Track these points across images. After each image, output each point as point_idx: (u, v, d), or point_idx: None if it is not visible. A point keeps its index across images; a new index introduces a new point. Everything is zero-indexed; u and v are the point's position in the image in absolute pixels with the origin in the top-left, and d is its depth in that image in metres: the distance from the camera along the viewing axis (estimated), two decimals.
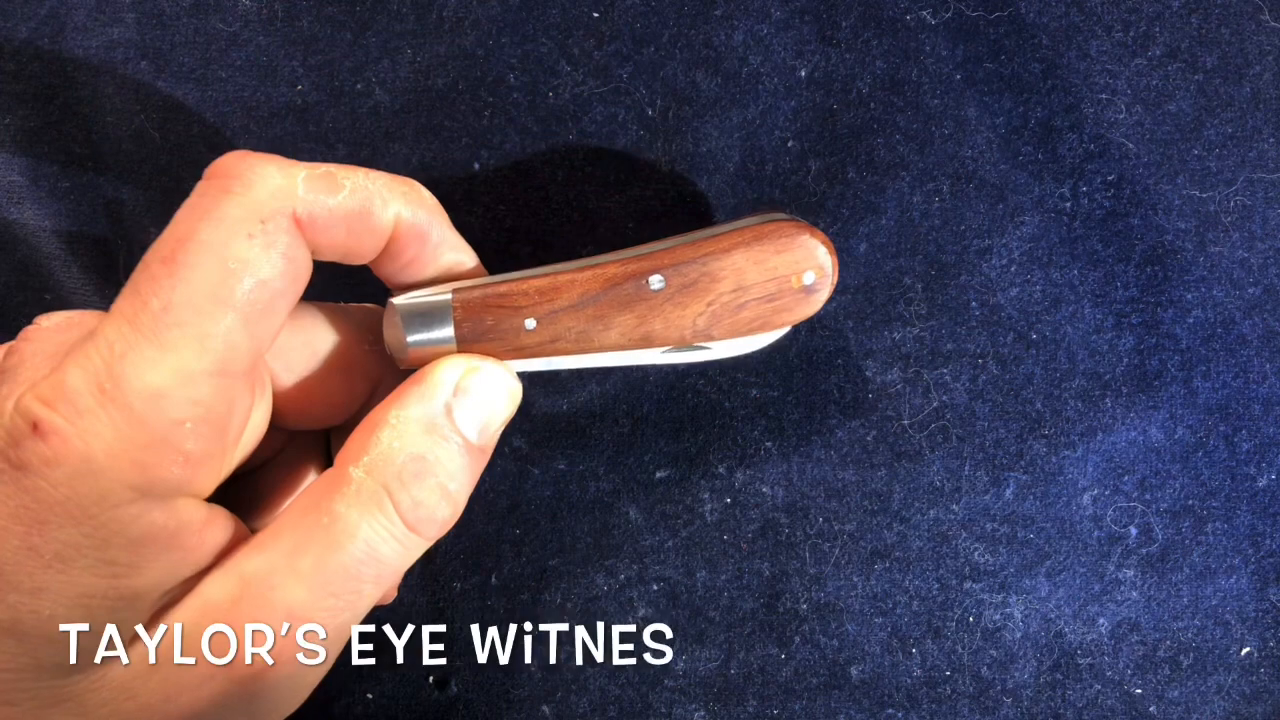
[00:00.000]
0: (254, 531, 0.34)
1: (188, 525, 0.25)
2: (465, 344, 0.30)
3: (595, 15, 0.38)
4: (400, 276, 0.30)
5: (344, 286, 0.36)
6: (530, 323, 0.31)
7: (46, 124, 0.37)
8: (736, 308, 0.32)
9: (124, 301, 0.24)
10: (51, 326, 0.26)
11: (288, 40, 0.37)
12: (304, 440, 0.33)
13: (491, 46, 0.38)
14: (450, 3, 0.38)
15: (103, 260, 0.37)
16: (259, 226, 0.25)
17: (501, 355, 0.31)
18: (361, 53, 0.38)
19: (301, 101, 0.38)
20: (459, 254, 0.31)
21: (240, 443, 0.27)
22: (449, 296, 0.30)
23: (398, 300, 0.30)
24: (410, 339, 0.30)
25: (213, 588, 0.25)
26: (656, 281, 0.31)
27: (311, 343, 0.31)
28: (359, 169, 0.28)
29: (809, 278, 0.31)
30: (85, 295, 0.38)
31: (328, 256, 0.28)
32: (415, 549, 0.27)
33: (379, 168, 0.37)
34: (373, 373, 0.32)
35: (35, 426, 0.23)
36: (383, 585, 0.27)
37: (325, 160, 0.37)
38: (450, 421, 0.28)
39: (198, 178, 0.25)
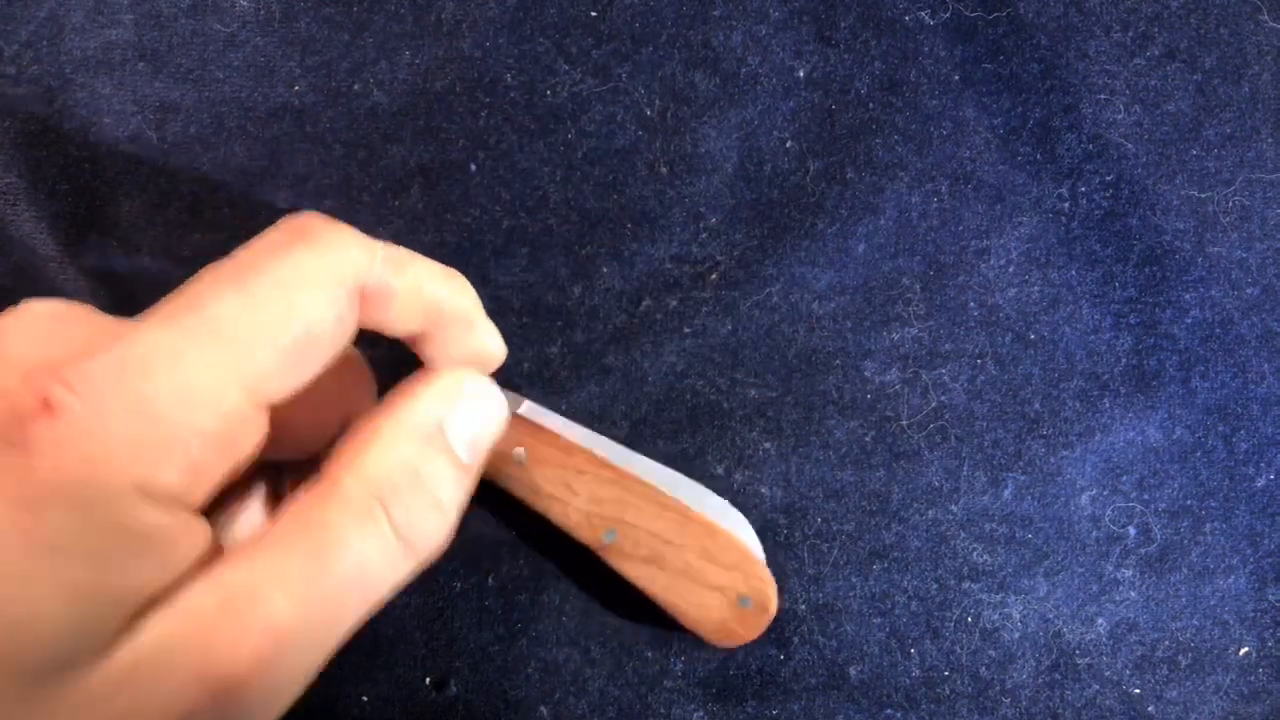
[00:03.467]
0: None
1: (178, 531, 0.24)
2: None
3: (593, 14, 0.38)
4: (435, 362, 0.31)
5: None
6: (519, 452, 0.34)
7: (44, 126, 0.37)
8: (682, 591, 0.35)
9: (174, 307, 0.24)
10: (45, 313, 0.26)
11: (285, 41, 0.37)
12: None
13: (489, 48, 0.38)
14: (448, 4, 0.38)
15: (100, 262, 0.37)
16: (332, 286, 0.26)
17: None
18: (359, 54, 0.38)
19: (299, 102, 0.38)
20: (491, 343, 0.31)
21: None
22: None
23: None
24: None
25: (194, 597, 0.24)
26: (608, 535, 0.34)
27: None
28: (420, 258, 0.29)
29: (745, 602, 0.34)
30: (80, 298, 0.38)
31: (365, 326, 0.28)
32: (405, 567, 0.27)
33: (377, 169, 0.38)
34: (343, 409, 0.32)
35: (46, 404, 0.22)
36: (367, 604, 0.26)
37: (324, 161, 0.37)
38: (444, 435, 0.28)
39: (195, 178, 0.25)
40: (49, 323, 0.25)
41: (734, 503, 0.37)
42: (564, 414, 0.37)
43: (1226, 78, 0.38)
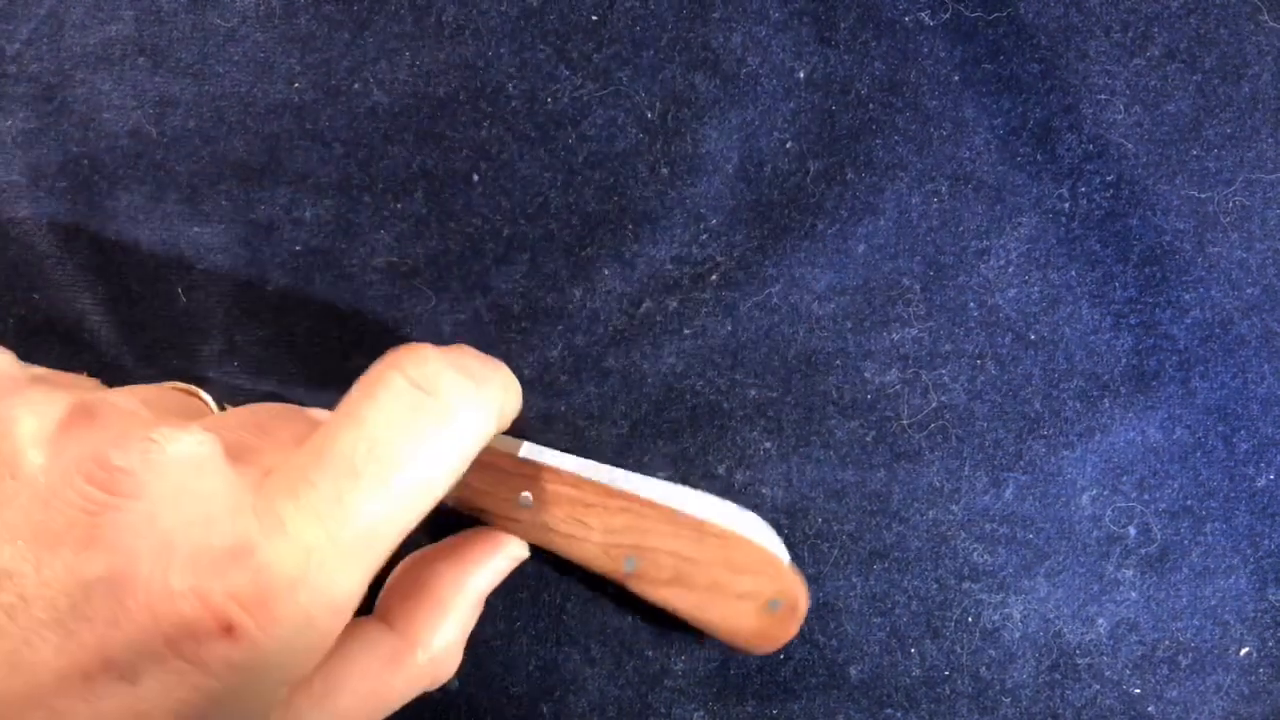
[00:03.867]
0: None
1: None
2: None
3: (594, 19, 0.38)
4: None
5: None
6: (526, 496, 0.34)
7: (44, 123, 0.37)
8: (711, 606, 0.34)
9: (322, 500, 0.23)
10: (197, 460, 0.24)
11: (285, 37, 0.37)
12: None
13: (490, 57, 0.38)
14: (449, 8, 0.38)
15: (98, 258, 0.37)
16: (462, 464, 0.27)
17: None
18: (359, 52, 0.38)
19: (299, 99, 0.37)
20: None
21: None
22: None
23: None
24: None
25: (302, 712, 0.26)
26: (629, 564, 0.34)
27: None
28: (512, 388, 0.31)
29: (775, 605, 0.34)
30: (77, 293, 0.37)
31: None
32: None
33: (378, 169, 0.37)
34: None
35: (229, 630, 0.21)
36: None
37: (323, 159, 0.37)
38: (484, 594, 0.33)
39: (194, 173, 0.25)
40: (202, 471, 0.24)
41: (734, 502, 0.37)
42: (563, 415, 0.37)
43: (1226, 78, 0.38)
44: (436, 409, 0.25)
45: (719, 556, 0.34)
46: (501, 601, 0.37)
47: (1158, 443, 0.38)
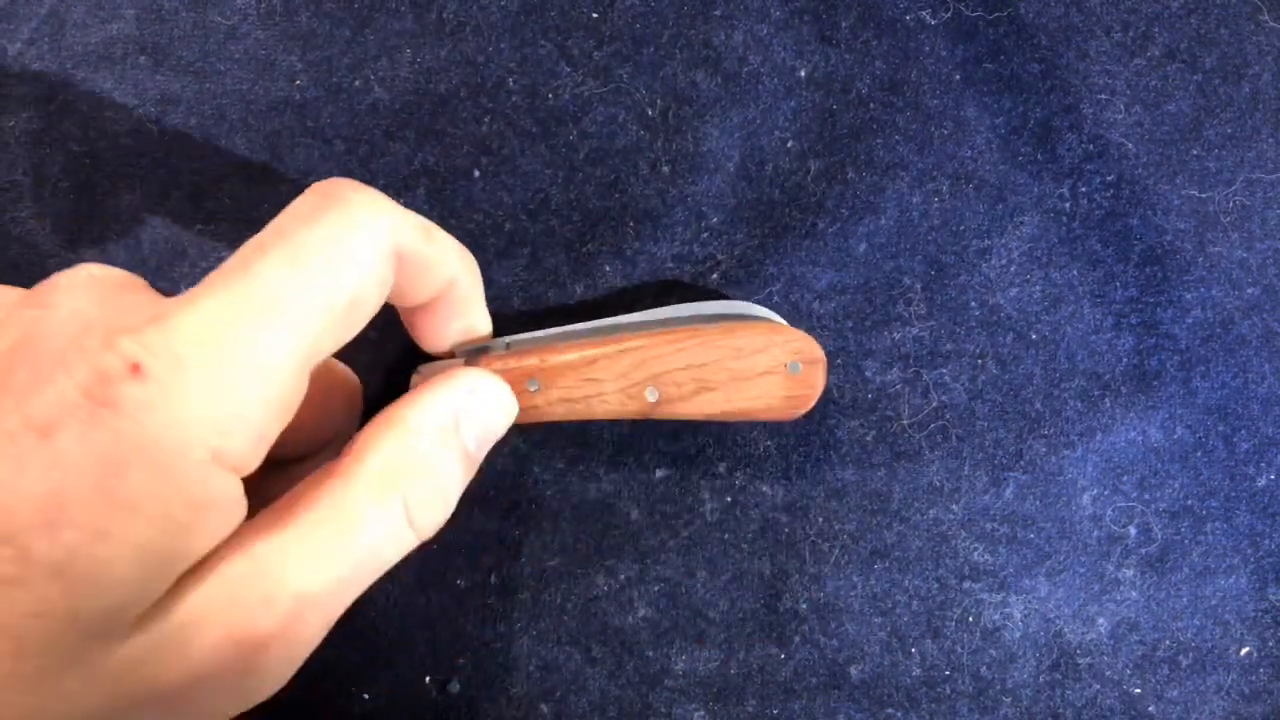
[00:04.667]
0: None
1: (234, 498, 0.25)
2: None
3: (594, 16, 0.38)
4: (429, 331, 0.33)
5: None
6: (533, 384, 0.34)
7: (46, 122, 0.37)
8: (740, 396, 0.34)
9: (229, 279, 0.25)
10: (100, 276, 0.27)
11: (286, 35, 0.37)
12: None
13: (491, 52, 0.38)
14: (449, 4, 0.38)
15: (100, 258, 0.37)
16: (376, 254, 0.27)
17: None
18: (360, 50, 0.38)
19: (300, 97, 0.37)
20: (483, 320, 0.34)
21: None
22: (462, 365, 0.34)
23: (420, 373, 0.35)
24: None
25: (231, 565, 0.25)
26: (651, 394, 0.34)
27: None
28: (437, 226, 0.30)
29: (793, 367, 0.34)
30: None
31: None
32: (406, 548, 0.29)
33: (379, 166, 0.37)
34: (335, 419, 0.34)
35: (135, 367, 0.23)
36: (373, 577, 0.28)
37: (324, 157, 0.37)
38: (457, 431, 0.30)
39: (195, 171, 0.26)
40: (106, 286, 0.26)
41: (735, 502, 0.37)
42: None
43: (1227, 78, 0.38)
44: (339, 203, 0.27)
45: (727, 350, 0.34)
46: (503, 602, 0.37)
47: (1158, 442, 0.38)
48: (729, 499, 0.38)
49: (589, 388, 0.34)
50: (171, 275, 0.37)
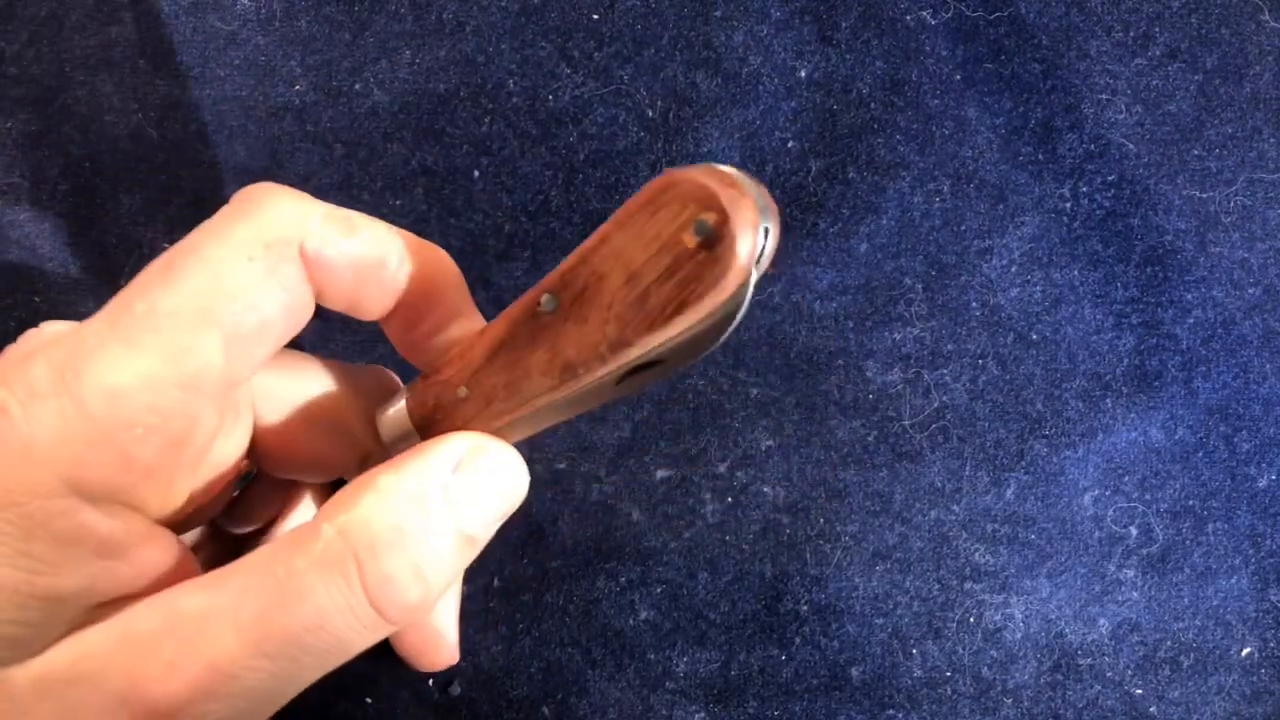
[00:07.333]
0: (232, 541, 0.33)
1: (122, 536, 0.23)
2: (426, 434, 0.28)
3: (595, 17, 0.38)
4: (415, 347, 0.29)
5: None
6: (462, 390, 0.27)
7: (46, 125, 0.37)
8: (638, 301, 0.23)
9: (112, 303, 0.23)
10: (50, 333, 0.25)
11: (286, 40, 0.37)
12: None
13: (491, 53, 0.38)
14: (449, 5, 0.38)
15: (99, 261, 0.37)
16: (261, 250, 0.24)
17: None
18: (360, 53, 0.37)
19: (299, 101, 0.37)
20: (473, 327, 0.29)
21: (201, 468, 0.26)
22: (402, 401, 0.28)
23: (379, 416, 0.29)
24: (393, 450, 0.28)
25: (138, 615, 0.23)
26: (548, 302, 0.25)
27: (302, 392, 0.29)
28: (383, 223, 0.26)
29: (700, 228, 0.21)
30: (79, 296, 0.37)
31: (335, 304, 0.27)
32: (373, 630, 0.24)
33: (377, 168, 0.37)
34: (362, 440, 0.31)
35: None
36: (326, 661, 0.24)
37: (324, 161, 0.37)
38: (444, 500, 0.25)
39: (195, 176, 0.25)
40: (38, 335, 0.25)
41: (736, 502, 0.37)
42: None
43: (1228, 78, 0.38)
44: (240, 207, 0.25)
45: (623, 234, 0.23)
46: (504, 604, 0.37)
47: (1159, 443, 0.38)
48: (730, 500, 0.38)
49: (514, 370, 0.26)
50: None
